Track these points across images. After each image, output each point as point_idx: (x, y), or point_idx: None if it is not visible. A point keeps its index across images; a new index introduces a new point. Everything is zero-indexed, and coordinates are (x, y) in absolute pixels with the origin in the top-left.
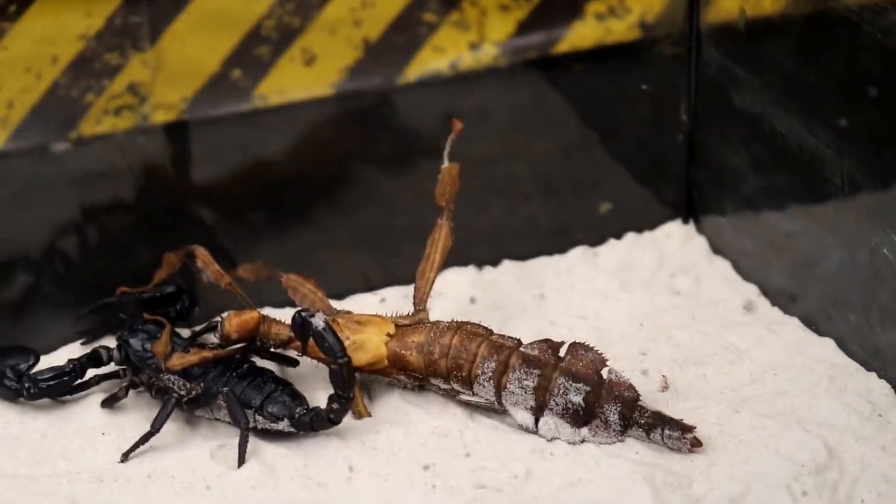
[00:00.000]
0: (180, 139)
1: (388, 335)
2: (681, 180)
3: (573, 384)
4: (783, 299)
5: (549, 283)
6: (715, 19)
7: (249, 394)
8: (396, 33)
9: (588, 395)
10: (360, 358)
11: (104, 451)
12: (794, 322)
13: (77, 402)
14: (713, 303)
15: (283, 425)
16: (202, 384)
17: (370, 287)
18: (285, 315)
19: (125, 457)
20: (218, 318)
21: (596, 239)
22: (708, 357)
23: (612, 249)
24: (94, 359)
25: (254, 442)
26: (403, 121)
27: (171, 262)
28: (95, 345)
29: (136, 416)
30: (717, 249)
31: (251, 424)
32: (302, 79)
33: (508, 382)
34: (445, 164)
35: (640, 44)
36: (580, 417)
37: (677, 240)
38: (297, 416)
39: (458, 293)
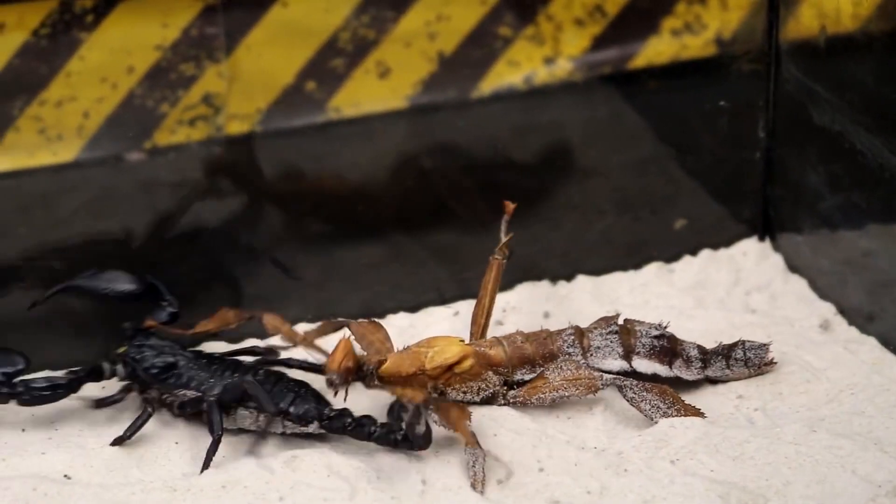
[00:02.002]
0: (254, 150)
1: (462, 341)
2: (757, 197)
3: (649, 328)
4: (860, 318)
5: (624, 298)
6: (795, 36)
7: (273, 398)
8: (471, 47)
9: (665, 334)
10: (446, 357)
11: (177, 461)
12: (872, 341)
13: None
14: (789, 321)
15: (313, 428)
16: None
17: (443, 300)
18: None
19: (205, 467)
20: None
21: (671, 255)
22: (784, 376)
23: (688, 266)
24: (94, 373)
25: (328, 454)
26: (477, 134)
27: (225, 319)
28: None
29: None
30: (793, 267)
31: (280, 430)
32: (376, 91)
33: (591, 340)
34: (503, 239)
35: (718, 60)
36: (666, 354)
37: (753, 257)
38: (325, 417)
39: (531, 307)
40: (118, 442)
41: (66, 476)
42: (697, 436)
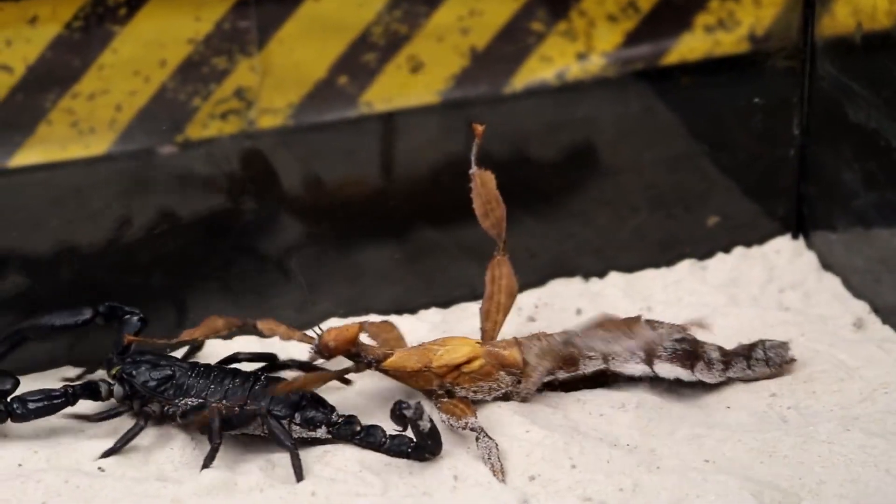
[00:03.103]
0: (286, 144)
1: (477, 343)
2: (791, 195)
3: (671, 332)
4: (894, 317)
5: (657, 295)
6: (830, 33)
7: (277, 405)
8: (504, 42)
9: (687, 338)
10: (454, 357)
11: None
12: None
13: None
14: (823, 319)
15: (321, 433)
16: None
17: (475, 296)
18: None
19: (203, 468)
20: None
21: (704, 252)
22: (817, 374)
23: (721, 263)
24: (90, 391)
25: (359, 450)
26: (509, 130)
27: (213, 327)
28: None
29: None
30: (827, 265)
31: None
32: (408, 86)
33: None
34: (474, 169)
35: (752, 57)
36: (688, 357)
37: (787, 255)
38: (334, 423)
39: (564, 304)
40: (109, 454)
41: (99, 469)
42: (731, 434)
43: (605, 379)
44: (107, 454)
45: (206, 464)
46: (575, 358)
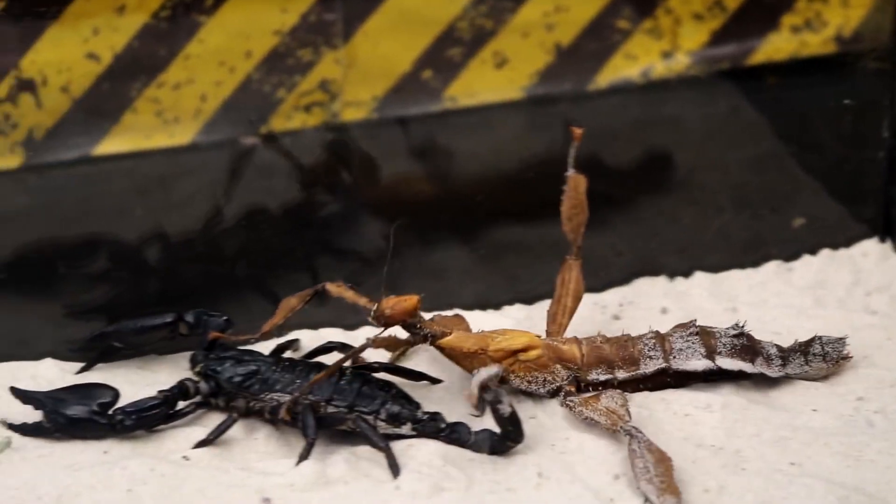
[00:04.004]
0: (369, 137)
1: (536, 335)
2: (879, 197)
3: (727, 328)
4: None
5: (742, 296)
6: None
7: (362, 401)
8: (589, 39)
9: (744, 333)
10: (511, 343)
11: (299, 452)
12: None
13: None
14: None
15: (406, 429)
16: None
17: None
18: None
19: (300, 460)
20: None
21: (790, 254)
22: None
23: (807, 265)
24: (182, 391)
25: (443, 444)
26: (593, 127)
27: (288, 307)
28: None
29: None
30: None
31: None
32: (492, 81)
33: (673, 343)
34: (570, 172)
35: (841, 58)
36: (747, 352)
37: (874, 258)
38: (419, 420)
39: (649, 303)
40: (202, 445)
41: (184, 458)
42: (817, 437)
43: (667, 380)
44: (199, 445)
45: (303, 458)
46: (635, 357)
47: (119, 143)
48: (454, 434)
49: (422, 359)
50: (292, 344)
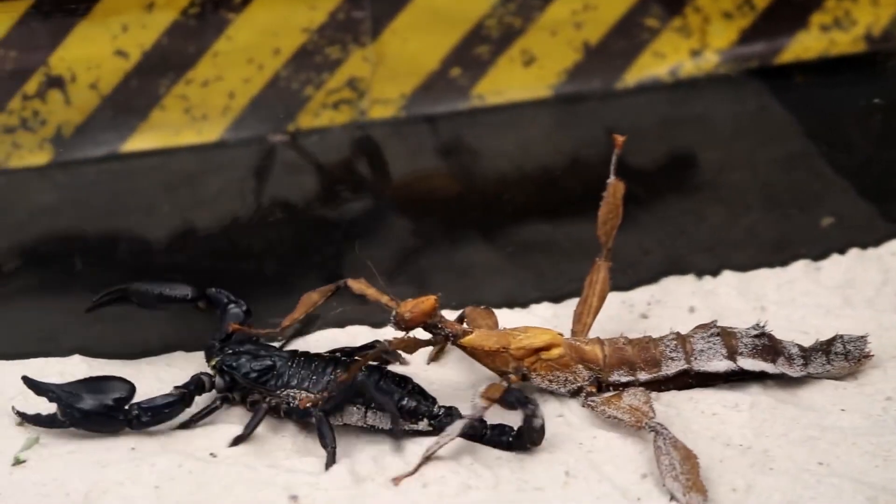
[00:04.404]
0: (397, 135)
1: (559, 334)
2: None
3: (748, 328)
4: None
5: (770, 295)
6: None
7: (379, 396)
8: (617, 37)
9: (765, 333)
10: (532, 341)
11: (323, 454)
12: None
13: None
14: None
15: (423, 425)
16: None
17: None
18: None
19: (327, 467)
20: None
21: (818, 253)
22: None
23: (836, 264)
24: (198, 386)
25: (470, 444)
26: (621, 125)
27: (310, 301)
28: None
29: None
30: None
31: (389, 426)
32: (520, 79)
33: (694, 344)
34: (612, 179)
35: (871, 57)
36: (769, 352)
37: None
38: (435, 414)
39: (677, 302)
40: (238, 441)
41: (211, 454)
42: (845, 437)
43: (689, 381)
44: (236, 442)
45: (329, 465)
46: (657, 359)
47: (147, 140)
48: (470, 429)
49: (449, 358)
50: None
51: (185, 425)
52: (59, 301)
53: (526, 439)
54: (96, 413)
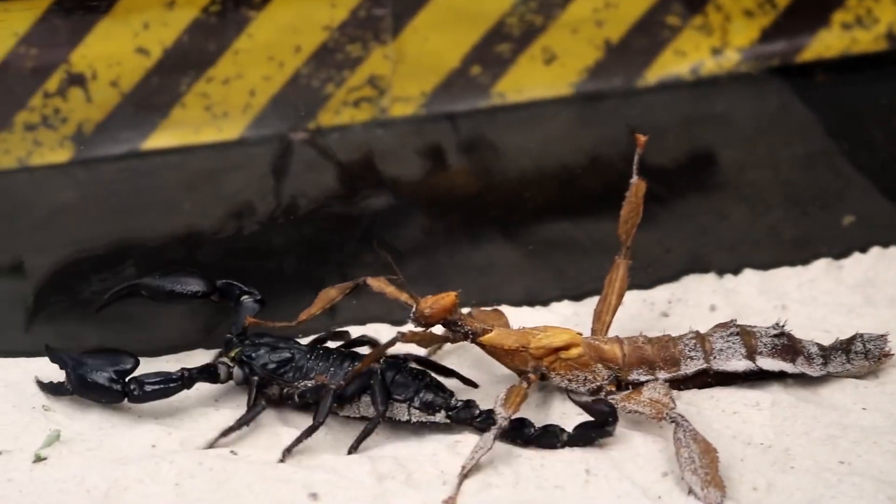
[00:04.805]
0: (418, 133)
1: (578, 333)
2: None
3: (767, 328)
4: None
5: (791, 294)
6: None
7: (396, 388)
8: (638, 35)
9: (784, 332)
10: (552, 341)
11: (342, 447)
12: None
13: None
14: None
15: (440, 417)
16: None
17: None
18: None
19: (287, 453)
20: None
21: (840, 251)
22: None
23: (857, 263)
24: (208, 374)
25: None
26: (642, 124)
27: (328, 298)
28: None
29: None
30: None
31: (405, 418)
32: (541, 77)
33: (713, 343)
34: (635, 179)
35: (893, 55)
36: (788, 352)
37: None
38: (453, 407)
39: (698, 300)
40: (227, 433)
41: (231, 452)
42: (866, 435)
43: (707, 380)
44: (225, 433)
45: (299, 440)
46: (676, 358)
47: (168, 138)
48: (489, 422)
49: (463, 359)
50: (339, 335)
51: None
52: (81, 298)
53: (563, 442)
54: (96, 383)
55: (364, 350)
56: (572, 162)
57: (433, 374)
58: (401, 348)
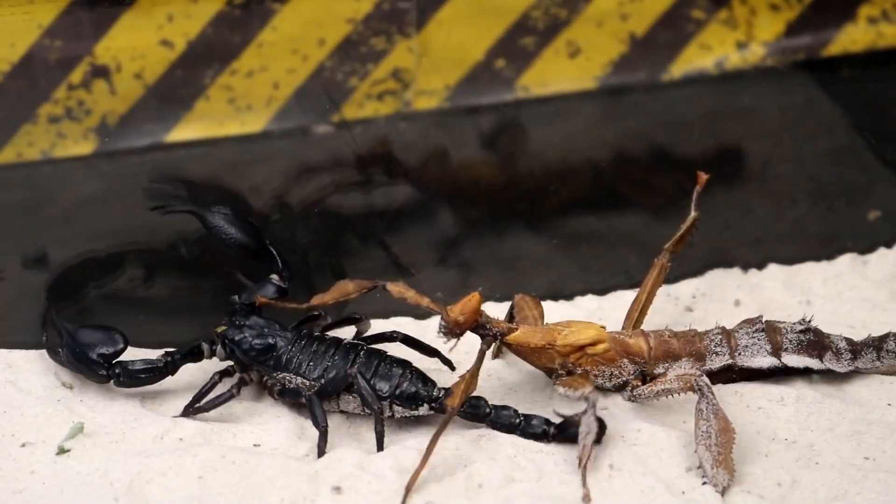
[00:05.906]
0: (441, 126)
1: (603, 328)
2: None
3: (793, 323)
4: None
5: (816, 289)
6: None
7: (378, 382)
8: (663, 29)
9: (811, 328)
10: (579, 338)
11: (370, 443)
12: None
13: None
14: None
15: (423, 410)
16: (321, 377)
17: (632, 284)
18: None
19: (319, 452)
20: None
21: (865, 247)
22: None
23: (883, 258)
24: (193, 354)
25: (515, 437)
26: (667, 117)
27: (344, 290)
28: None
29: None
30: None
31: (388, 414)
32: (565, 71)
33: (738, 339)
34: (694, 214)
35: None
36: (815, 347)
37: None
38: (435, 398)
39: (722, 295)
40: (191, 412)
41: (255, 445)
42: (892, 431)
43: (732, 375)
44: (186, 412)
45: (321, 451)
46: (701, 353)
47: (191, 131)
48: (500, 419)
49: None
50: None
51: (201, 409)
52: (103, 292)
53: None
54: (83, 362)
55: (350, 329)
56: (597, 156)
57: (413, 365)
58: (387, 325)
